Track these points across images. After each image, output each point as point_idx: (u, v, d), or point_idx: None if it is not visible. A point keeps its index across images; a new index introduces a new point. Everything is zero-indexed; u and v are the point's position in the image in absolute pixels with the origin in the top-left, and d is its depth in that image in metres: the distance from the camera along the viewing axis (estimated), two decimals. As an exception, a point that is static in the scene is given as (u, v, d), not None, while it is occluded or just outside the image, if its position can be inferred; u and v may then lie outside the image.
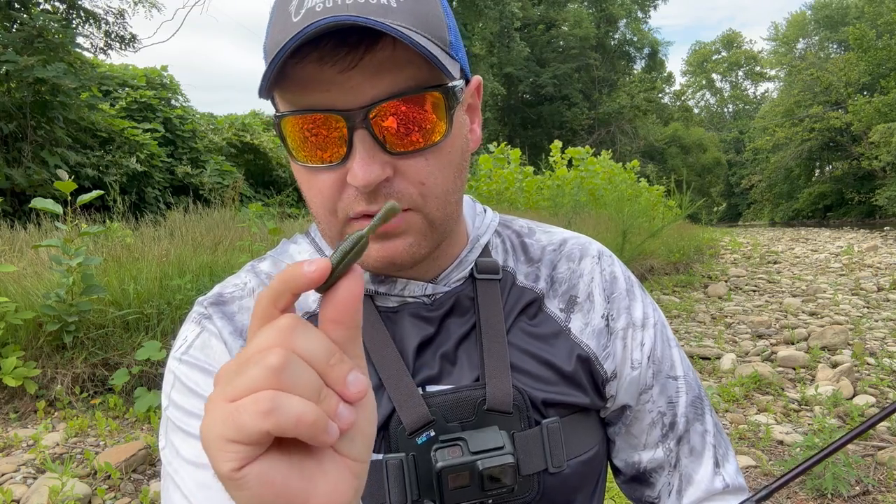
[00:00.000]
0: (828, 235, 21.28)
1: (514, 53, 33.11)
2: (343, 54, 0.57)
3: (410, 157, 0.62)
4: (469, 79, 0.70)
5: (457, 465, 0.63)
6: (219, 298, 0.75)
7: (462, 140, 0.67)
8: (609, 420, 0.80)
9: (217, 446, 0.38)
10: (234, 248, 5.42)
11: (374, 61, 0.58)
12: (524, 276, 0.78)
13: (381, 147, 0.60)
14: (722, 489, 0.77)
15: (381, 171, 0.60)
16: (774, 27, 53.21)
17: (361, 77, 0.58)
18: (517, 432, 0.68)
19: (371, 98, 0.59)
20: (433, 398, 0.68)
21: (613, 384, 0.77)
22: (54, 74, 8.22)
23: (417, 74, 0.60)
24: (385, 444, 0.66)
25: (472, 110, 0.72)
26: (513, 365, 0.71)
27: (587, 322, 0.77)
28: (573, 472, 0.71)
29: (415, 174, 0.62)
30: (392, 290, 0.72)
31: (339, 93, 0.59)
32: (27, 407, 3.58)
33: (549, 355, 0.73)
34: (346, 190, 0.63)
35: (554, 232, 0.85)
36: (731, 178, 55.71)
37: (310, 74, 0.59)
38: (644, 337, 0.79)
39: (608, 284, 0.80)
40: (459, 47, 0.67)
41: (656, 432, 0.78)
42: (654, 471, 0.79)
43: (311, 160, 0.63)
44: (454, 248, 0.75)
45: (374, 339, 0.70)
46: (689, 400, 0.79)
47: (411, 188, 0.63)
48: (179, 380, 0.70)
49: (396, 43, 0.58)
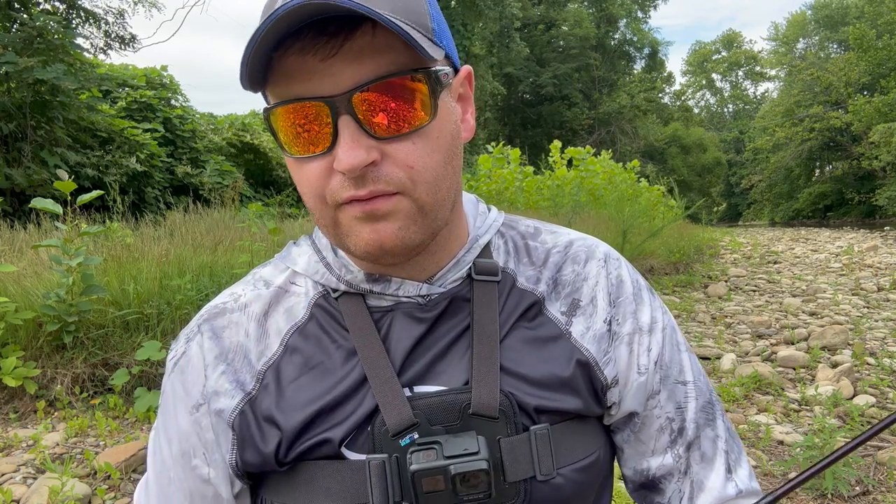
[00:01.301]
0: (828, 235, 21.28)
1: (514, 53, 33.09)
2: (323, 42, 0.58)
3: (397, 140, 0.62)
4: (458, 68, 0.70)
5: (429, 468, 0.62)
6: (213, 311, 0.77)
7: (452, 126, 0.67)
8: (617, 427, 0.79)
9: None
10: (234, 248, 5.42)
11: (355, 47, 0.59)
12: (525, 278, 0.77)
13: (366, 132, 0.60)
14: (735, 495, 0.75)
15: (365, 156, 0.60)
16: (774, 27, 53.22)
17: (342, 64, 0.59)
18: (503, 438, 0.67)
19: (353, 83, 0.59)
20: (419, 400, 0.67)
21: (615, 391, 0.75)
22: (54, 75, 8.22)
23: (398, 59, 0.60)
24: (369, 444, 0.66)
25: (464, 100, 0.72)
26: (508, 369, 0.70)
27: (588, 326, 0.75)
28: (567, 481, 0.69)
29: (403, 158, 0.62)
30: (386, 289, 0.72)
31: (321, 81, 0.59)
32: (27, 407, 3.58)
33: (547, 360, 0.72)
34: (334, 177, 0.63)
35: (560, 233, 0.84)
36: (731, 178, 55.68)
37: (293, 65, 0.59)
38: (651, 342, 0.77)
39: (614, 288, 0.78)
40: (444, 35, 0.67)
41: (664, 438, 0.77)
42: (663, 477, 0.77)
43: (300, 151, 0.63)
44: (452, 246, 0.74)
45: (362, 337, 0.70)
46: (700, 405, 0.78)
47: (399, 172, 0.62)
48: (164, 391, 0.77)
49: (376, 29, 0.59)
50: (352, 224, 0.65)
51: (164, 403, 0.77)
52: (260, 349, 0.73)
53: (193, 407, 0.72)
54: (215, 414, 0.72)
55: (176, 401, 0.74)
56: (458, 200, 0.73)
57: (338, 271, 0.74)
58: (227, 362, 0.73)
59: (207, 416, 0.72)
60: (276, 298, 0.76)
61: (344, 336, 0.71)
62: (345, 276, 0.73)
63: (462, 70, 0.71)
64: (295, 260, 0.78)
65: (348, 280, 0.73)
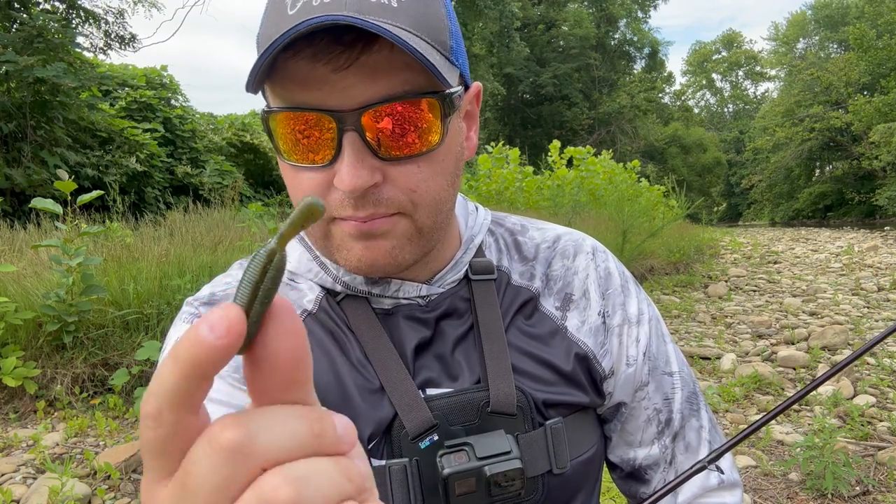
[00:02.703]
0: (828, 235, 21.27)
1: (514, 53, 33.08)
2: (337, 53, 0.55)
3: (402, 162, 0.60)
4: (469, 85, 0.68)
5: (464, 471, 0.62)
6: (211, 298, 0.73)
7: (457, 148, 0.66)
8: (605, 417, 0.80)
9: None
10: (233, 248, 5.42)
11: (370, 63, 0.56)
12: (519, 275, 0.78)
13: (372, 151, 0.59)
14: (717, 485, 0.77)
15: (369, 177, 0.58)
16: (774, 27, 53.22)
17: (355, 78, 0.56)
18: (521, 434, 0.67)
19: (364, 100, 0.57)
20: (435, 401, 0.66)
21: (611, 381, 0.76)
22: (54, 74, 8.22)
23: (413, 79, 0.58)
24: (388, 450, 0.65)
25: (470, 117, 0.71)
26: (512, 366, 0.70)
27: (583, 320, 0.76)
28: (574, 473, 0.70)
29: (405, 181, 0.61)
30: (386, 291, 0.71)
31: (330, 92, 0.57)
32: (27, 407, 3.58)
33: (548, 355, 0.72)
34: (332, 192, 0.61)
35: (547, 229, 0.85)
36: (731, 178, 55.67)
37: (302, 71, 0.57)
38: (639, 333, 0.78)
39: (603, 281, 0.80)
40: (460, 52, 0.65)
41: (652, 429, 0.78)
42: (649, 467, 0.79)
43: (298, 159, 0.61)
44: (448, 249, 0.74)
45: (373, 341, 0.69)
46: (685, 396, 0.80)
47: (401, 195, 0.61)
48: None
49: (394, 45, 0.56)
50: (344, 239, 0.64)
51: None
52: None
53: (222, 377, 0.66)
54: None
55: None
56: (453, 211, 0.72)
57: (335, 272, 0.72)
58: None
59: (243, 382, 0.65)
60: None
61: (350, 339, 0.70)
62: (342, 277, 0.72)
63: (472, 87, 0.70)
64: None
65: (346, 281, 0.72)
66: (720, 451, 0.66)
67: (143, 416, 0.26)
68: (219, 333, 0.25)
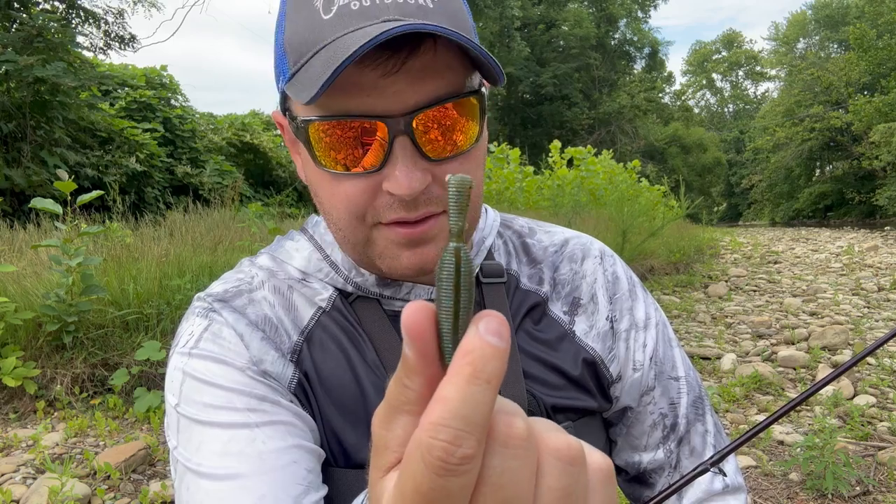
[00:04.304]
0: (828, 235, 21.27)
1: (515, 53, 33.08)
2: (385, 58, 0.55)
3: (447, 162, 0.61)
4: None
5: None
6: (223, 296, 0.72)
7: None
8: (610, 421, 0.80)
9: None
10: (233, 248, 5.42)
11: (417, 65, 0.56)
12: (527, 278, 0.77)
13: (421, 154, 0.59)
14: (721, 489, 0.77)
15: (423, 179, 0.59)
16: (775, 27, 53.24)
17: (404, 82, 0.56)
18: None
19: (414, 104, 0.57)
20: None
21: (618, 386, 0.76)
22: (54, 73, 8.21)
23: (455, 79, 0.59)
24: None
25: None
26: (522, 371, 0.70)
27: (592, 325, 0.76)
28: None
29: None
30: (398, 293, 0.71)
31: (379, 98, 0.57)
32: (27, 407, 3.58)
33: (556, 360, 0.72)
34: (380, 196, 0.61)
35: (555, 232, 0.84)
36: (731, 178, 55.67)
37: (348, 78, 0.56)
38: (646, 338, 0.78)
39: (611, 285, 0.79)
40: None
41: (657, 434, 0.78)
42: (654, 471, 0.79)
43: (341, 167, 0.60)
44: None
45: (386, 344, 0.69)
46: (690, 401, 0.79)
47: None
48: (191, 375, 0.65)
49: (437, 46, 0.56)
50: (388, 246, 0.63)
51: (196, 387, 0.64)
52: (291, 318, 0.70)
53: (241, 369, 0.66)
54: (272, 377, 0.66)
55: (215, 372, 0.65)
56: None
57: (346, 272, 0.71)
58: (264, 332, 0.68)
59: (262, 375, 0.66)
60: (292, 283, 0.73)
61: (364, 339, 0.70)
62: (354, 278, 0.71)
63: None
64: (290, 255, 0.75)
65: (357, 282, 0.71)
66: (723, 452, 0.66)
67: (460, 458, 0.24)
68: (506, 337, 0.25)
